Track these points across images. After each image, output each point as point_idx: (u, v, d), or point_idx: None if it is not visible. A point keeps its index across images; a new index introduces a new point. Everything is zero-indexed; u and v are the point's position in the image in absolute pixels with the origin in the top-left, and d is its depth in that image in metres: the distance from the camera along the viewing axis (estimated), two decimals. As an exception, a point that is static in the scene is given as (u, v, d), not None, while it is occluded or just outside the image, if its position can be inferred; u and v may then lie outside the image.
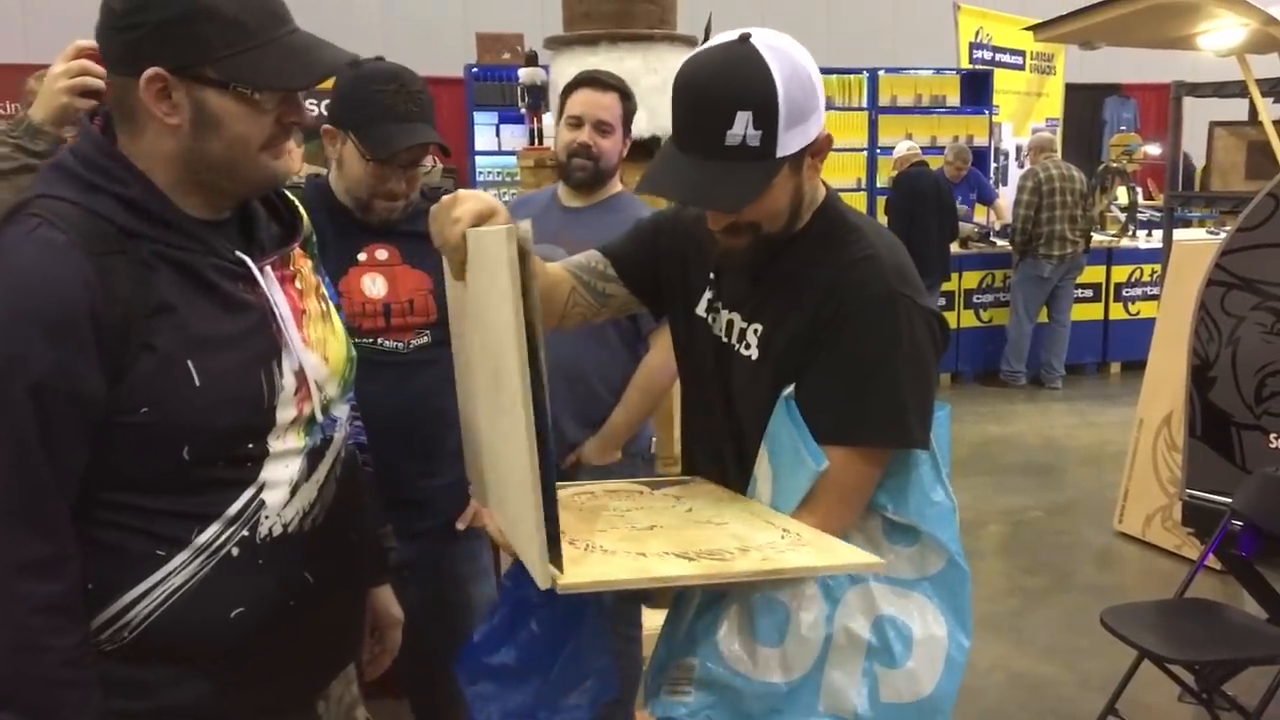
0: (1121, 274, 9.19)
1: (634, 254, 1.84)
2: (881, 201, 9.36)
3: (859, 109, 10.01)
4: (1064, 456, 6.93)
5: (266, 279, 1.45)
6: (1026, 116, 11.72)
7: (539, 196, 3.11)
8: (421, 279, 2.30)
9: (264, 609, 1.43)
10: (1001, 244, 9.10)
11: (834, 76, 9.49)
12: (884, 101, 10.29)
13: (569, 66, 4.59)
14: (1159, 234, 7.98)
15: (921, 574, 1.59)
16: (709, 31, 5.69)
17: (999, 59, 11.35)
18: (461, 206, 1.42)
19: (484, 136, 9.26)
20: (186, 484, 1.37)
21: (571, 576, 1.27)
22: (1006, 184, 10.71)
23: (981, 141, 10.49)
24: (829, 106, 4.71)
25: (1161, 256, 6.12)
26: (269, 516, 1.43)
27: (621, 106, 2.86)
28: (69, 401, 1.28)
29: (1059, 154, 9.34)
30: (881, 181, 9.86)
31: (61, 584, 1.31)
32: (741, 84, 1.43)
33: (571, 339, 2.39)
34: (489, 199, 1.45)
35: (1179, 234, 7.07)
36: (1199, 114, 6.62)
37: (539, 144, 4.81)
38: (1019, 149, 11.01)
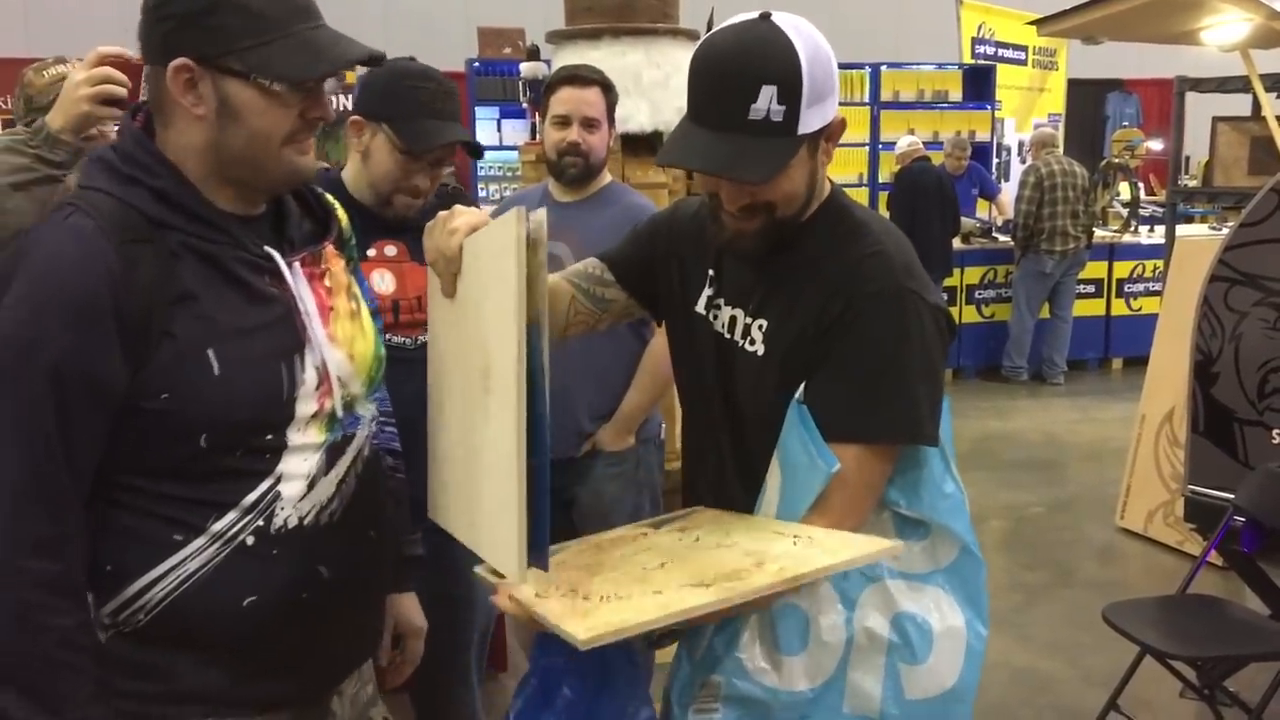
0: (1124, 269, 9.18)
1: (631, 256, 1.84)
2: (884, 197, 9.35)
3: (861, 104, 10.00)
4: (1066, 452, 6.92)
5: (294, 274, 1.46)
6: (1029, 112, 11.70)
7: (530, 194, 3.13)
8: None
9: (276, 599, 1.43)
10: (1004, 239, 9.09)
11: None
12: (886, 97, 10.27)
13: (571, 60, 4.58)
14: (1161, 229, 7.99)
15: (935, 566, 1.59)
16: (711, 26, 5.68)
17: (1001, 54, 11.33)
18: (459, 219, 1.44)
19: (485, 131, 9.25)
20: (204, 472, 1.38)
21: (591, 629, 1.22)
22: (1009, 179, 10.70)
23: (984, 137, 10.48)
24: (831, 101, 4.62)
25: (1164, 252, 6.12)
26: (284, 508, 1.43)
27: (605, 100, 2.88)
28: (86, 385, 1.30)
29: (1061, 149, 9.33)
30: (884, 177, 9.86)
31: (64, 564, 1.32)
32: (766, 58, 1.43)
33: None
34: (485, 215, 1.46)
35: (1181, 230, 7.06)
36: (1202, 109, 6.60)
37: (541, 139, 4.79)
38: (1021, 144, 10.99)
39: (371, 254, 2.28)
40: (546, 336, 1.29)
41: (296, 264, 1.47)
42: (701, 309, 1.72)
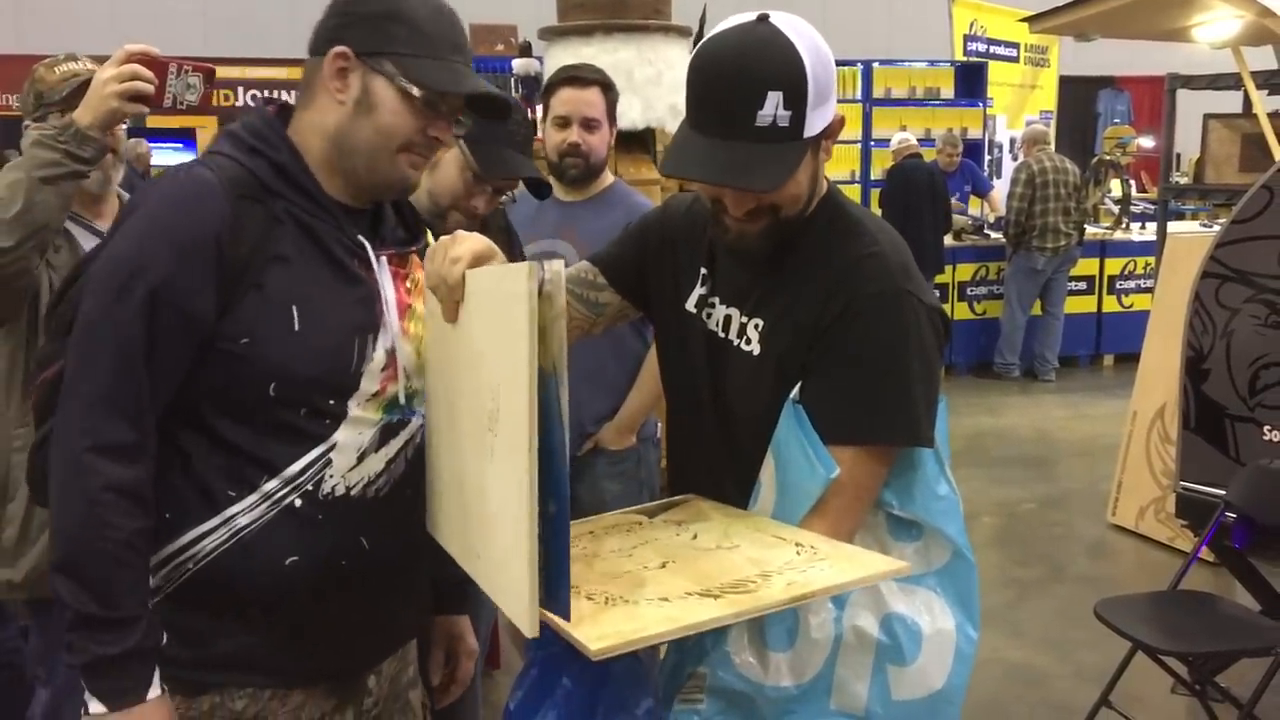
0: (1115, 266, 9.20)
1: (622, 256, 1.83)
2: (875, 194, 9.36)
3: (853, 101, 10.01)
4: (1057, 449, 6.94)
5: (380, 266, 1.57)
6: (1021, 109, 11.73)
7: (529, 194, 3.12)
8: None
9: (317, 563, 1.50)
10: (995, 236, 9.11)
11: (828, 68, 9.48)
12: (878, 94, 10.29)
13: (563, 57, 4.58)
14: (1152, 226, 8.00)
15: (927, 568, 1.58)
16: (704, 22, 5.67)
17: (993, 51, 11.36)
18: (461, 246, 1.42)
19: (478, 128, 9.22)
20: (268, 423, 1.48)
21: (601, 640, 1.21)
22: (1001, 176, 10.72)
23: (975, 134, 10.50)
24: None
25: (1155, 249, 6.12)
26: (333, 476, 1.51)
27: (605, 100, 2.87)
28: (178, 313, 1.42)
29: (1052, 146, 9.34)
30: (876, 174, 9.87)
31: (136, 471, 1.41)
32: (771, 64, 1.41)
33: None
34: (487, 240, 1.45)
35: (1173, 226, 7.08)
36: (1193, 106, 6.62)
37: (535, 135, 4.79)
38: (1013, 141, 11.01)
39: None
40: (565, 387, 1.25)
41: (384, 258, 1.58)
42: (693, 307, 1.71)
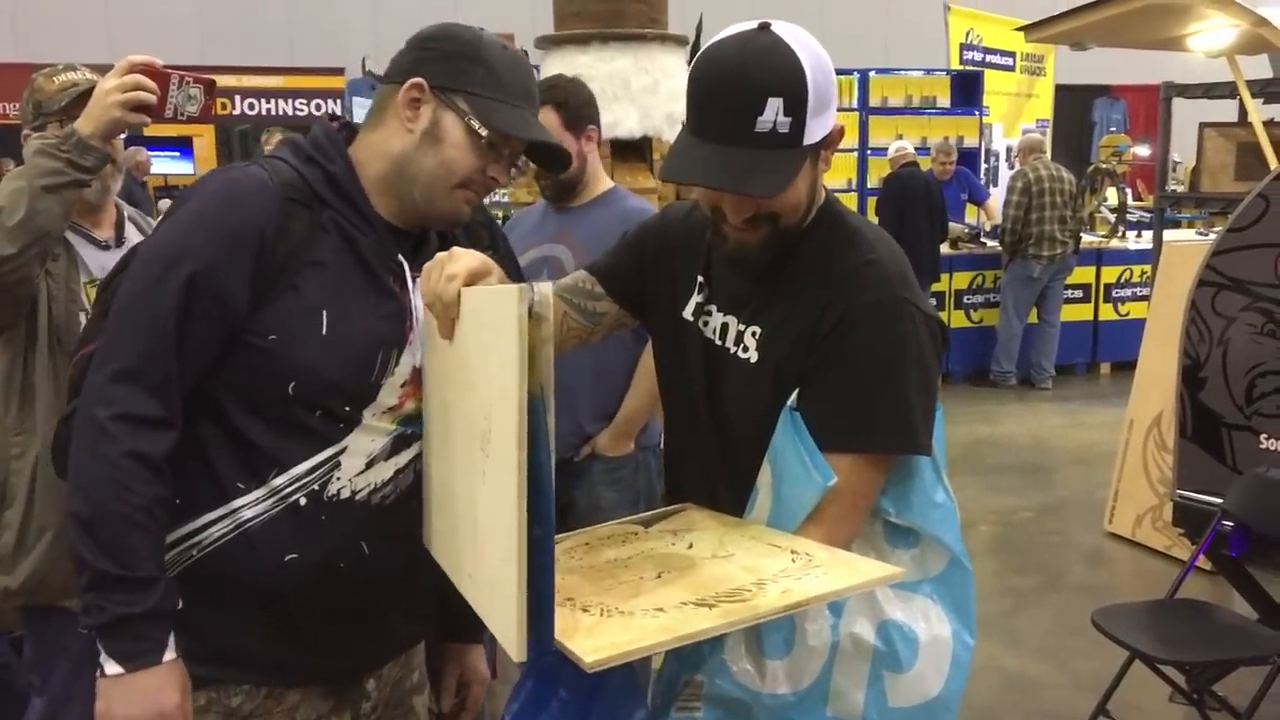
0: (1111, 275, 9.21)
1: (619, 264, 1.83)
2: (872, 202, 9.37)
3: (850, 110, 10.03)
4: (1054, 457, 6.94)
5: (415, 286, 1.59)
6: (1017, 117, 11.76)
7: (533, 208, 3.16)
8: None
9: (315, 562, 1.53)
10: (991, 245, 9.11)
11: (825, 77, 9.50)
12: (874, 102, 10.30)
13: (560, 66, 4.58)
14: (1148, 235, 8.01)
15: (924, 575, 1.58)
16: (700, 31, 5.69)
17: (989, 60, 11.39)
18: (457, 264, 1.41)
19: (474, 136, 9.23)
20: (283, 419, 1.51)
21: (596, 651, 1.21)
22: (997, 185, 10.74)
23: (972, 142, 10.52)
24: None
25: (1151, 257, 6.13)
26: (340, 479, 1.54)
27: (558, 116, 2.84)
28: (214, 300, 1.47)
29: (1048, 155, 9.36)
30: (873, 182, 9.88)
31: (158, 445, 1.45)
32: (772, 70, 1.41)
33: None
34: (484, 257, 1.44)
35: (1168, 235, 7.08)
36: (1188, 115, 6.63)
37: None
38: (1009, 150, 11.04)
39: None
40: (552, 411, 1.25)
41: (420, 280, 1.59)
42: (689, 315, 1.70)
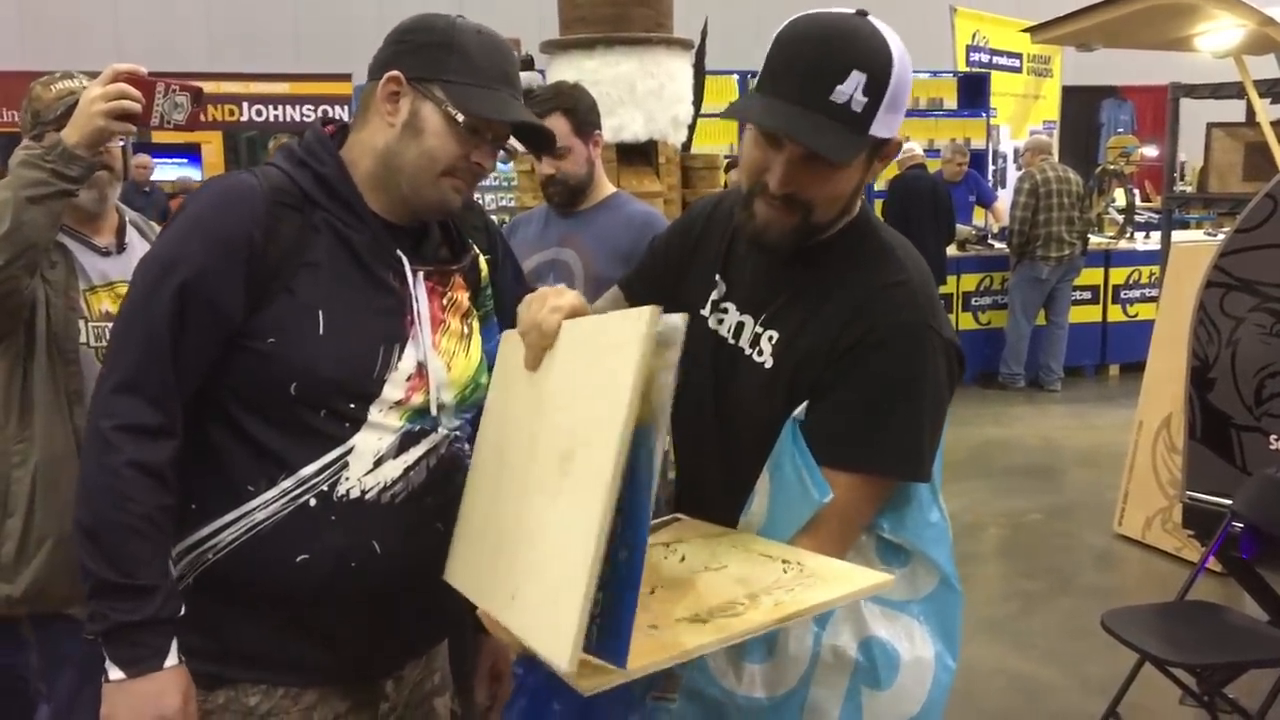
0: (1119, 276, 9.19)
1: (645, 272, 1.83)
2: (879, 204, 9.36)
3: (856, 112, 10.00)
4: (1063, 459, 6.92)
5: (415, 281, 1.62)
6: (1024, 119, 11.74)
7: (536, 212, 3.19)
8: None
9: (327, 562, 1.53)
10: (999, 246, 9.09)
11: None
12: (881, 104, 10.27)
13: (565, 70, 4.58)
14: (1156, 236, 8.00)
15: (913, 595, 1.57)
16: (705, 34, 5.68)
17: (996, 61, 11.37)
18: (563, 299, 1.45)
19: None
20: (288, 422, 1.52)
21: (588, 675, 1.19)
22: (1005, 187, 10.72)
23: (979, 144, 10.50)
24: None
25: (1159, 258, 6.12)
26: (349, 479, 1.54)
27: (568, 121, 2.91)
28: (207, 306, 1.48)
29: (1056, 156, 9.34)
30: (880, 185, 9.85)
31: (159, 454, 1.47)
32: (862, 46, 1.40)
33: None
34: (583, 299, 1.48)
35: (1177, 236, 7.07)
36: (1196, 116, 6.62)
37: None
38: (1016, 151, 11.01)
39: None
40: (662, 442, 1.25)
41: (420, 274, 1.64)
42: (705, 310, 1.70)
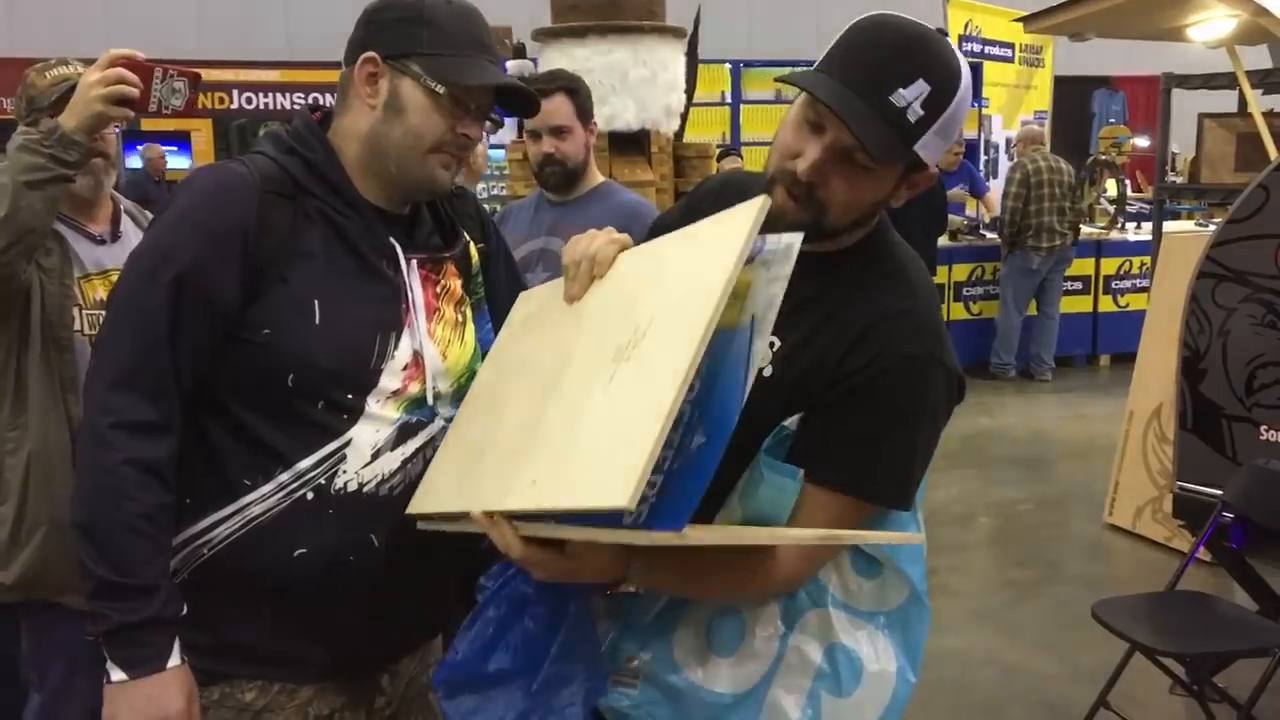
0: (1110, 266, 9.20)
1: None
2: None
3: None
4: (1054, 449, 6.94)
5: (409, 268, 1.61)
6: (1016, 109, 11.72)
7: (526, 201, 3.20)
8: None
9: (325, 555, 1.52)
10: (991, 237, 9.10)
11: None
12: (873, 94, 10.26)
13: (557, 58, 4.57)
14: (1148, 226, 8.01)
15: (881, 607, 1.56)
16: (698, 24, 5.67)
17: (988, 51, 11.34)
18: (618, 234, 1.49)
19: (472, 130, 9.19)
20: (286, 414, 1.51)
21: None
22: (997, 177, 10.71)
23: (971, 134, 10.49)
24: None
25: (1151, 249, 6.12)
26: (346, 472, 1.53)
27: (571, 103, 2.93)
28: (201, 300, 1.47)
29: (1048, 146, 9.34)
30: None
31: (158, 451, 1.45)
32: (936, 59, 1.38)
33: None
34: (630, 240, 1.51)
35: (1168, 226, 7.08)
36: (1188, 106, 6.62)
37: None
38: (1008, 141, 11.02)
39: None
40: (764, 341, 1.26)
41: (414, 261, 1.63)
42: None
